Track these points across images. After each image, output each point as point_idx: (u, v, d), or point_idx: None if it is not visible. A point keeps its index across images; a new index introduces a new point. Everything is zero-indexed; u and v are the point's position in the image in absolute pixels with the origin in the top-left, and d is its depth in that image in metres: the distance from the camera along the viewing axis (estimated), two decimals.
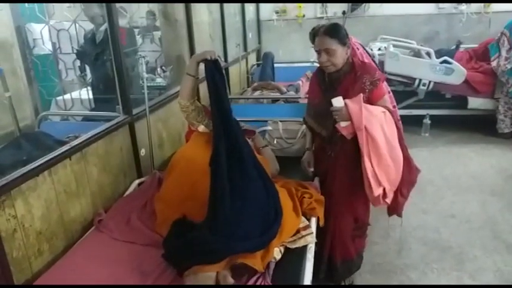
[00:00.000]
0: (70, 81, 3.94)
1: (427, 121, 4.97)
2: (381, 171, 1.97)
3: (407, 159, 2.17)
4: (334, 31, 2.00)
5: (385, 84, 2.25)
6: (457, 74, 4.66)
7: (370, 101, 2.07)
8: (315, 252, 2.42)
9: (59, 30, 3.86)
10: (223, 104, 1.94)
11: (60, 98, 3.72)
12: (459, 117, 5.04)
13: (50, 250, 1.79)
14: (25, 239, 1.65)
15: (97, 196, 2.13)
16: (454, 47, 5.51)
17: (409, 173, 2.21)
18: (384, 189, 1.99)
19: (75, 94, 3.82)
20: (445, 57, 4.70)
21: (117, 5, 3.95)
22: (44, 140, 2.32)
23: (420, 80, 4.76)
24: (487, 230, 3.02)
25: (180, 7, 3.43)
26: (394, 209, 2.34)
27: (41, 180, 1.73)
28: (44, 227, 1.76)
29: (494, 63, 4.74)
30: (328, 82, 2.16)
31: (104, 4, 2.28)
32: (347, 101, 1.98)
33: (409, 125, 5.15)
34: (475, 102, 4.83)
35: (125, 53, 3.10)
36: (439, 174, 3.94)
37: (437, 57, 4.72)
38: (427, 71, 4.72)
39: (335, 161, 2.21)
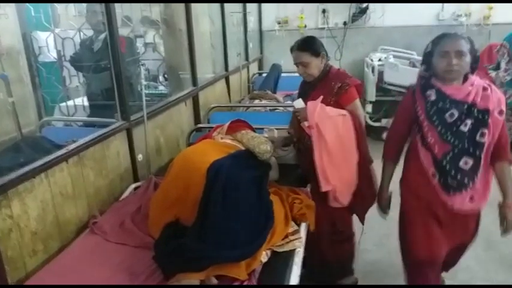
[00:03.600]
0: (75, 88, 4.01)
1: None
2: (333, 169, 2.14)
3: (366, 171, 2.30)
4: (306, 45, 2.26)
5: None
6: None
7: (339, 104, 2.23)
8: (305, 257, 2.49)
9: (64, 39, 3.95)
10: None
11: (63, 104, 3.80)
12: None
13: (45, 250, 1.84)
14: (20, 238, 1.70)
15: (93, 199, 2.18)
16: None
17: (368, 187, 2.31)
18: (335, 189, 2.15)
19: (78, 101, 3.90)
20: None
21: (123, 16, 4.09)
22: (43, 144, 2.39)
23: None
24: (480, 240, 3.02)
25: (182, 16, 3.51)
26: (357, 214, 2.45)
27: (37, 182, 1.79)
28: (39, 228, 1.81)
29: (493, 74, 4.76)
30: (304, 91, 2.40)
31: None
32: (308, 102, 2.17)
33: None
34: None
35: (125, 61, 3.19)
36: None
37: None
38: None
39: (307, 160, 2.30)
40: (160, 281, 1.64)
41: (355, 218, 2.52)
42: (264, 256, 1.75)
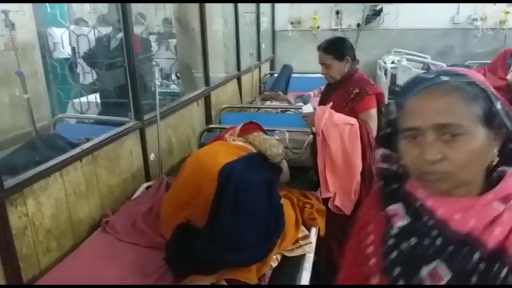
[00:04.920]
0: (91, 84, 4.04)
1: None
2: (335, 177, 2.14)
3: (371, 183, 2.23)
4: (330, 48, 2.25)
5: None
6: None
7: (354, 111, 2.21)
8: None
9: (78, 35, 3.99)
10: None
11: (76, 100, 3.84)
12: None
13: (58, 248, 1.87)
14: (35, 236, 1.73)
15: (105, 198, 2.21)
16: (468, 62, 5.49)
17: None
18: (335, 196, 2.15)
19: (91, 97, 3.94)
20: None
21: (136, 13, 4.11)
22: (58, 142, 2.43)
23: None
24: None
25: (195, 15, 3.52)
26: None
27: (52, 180, 1.81)
28: (53, 226, 1.83)
29: (509, 76, 4.70)
30: (326, 91, 2.43)
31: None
32: (318, 107, 2.19)
33: None
34: None
35: (139, 60, 3.21)
36: None
37: None
38: None
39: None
40: (171, 282, 1.65)
41: None
42: (274, 261, 1.75)
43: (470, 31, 5.62)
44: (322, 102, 2.41)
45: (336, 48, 2.27)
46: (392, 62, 5.21)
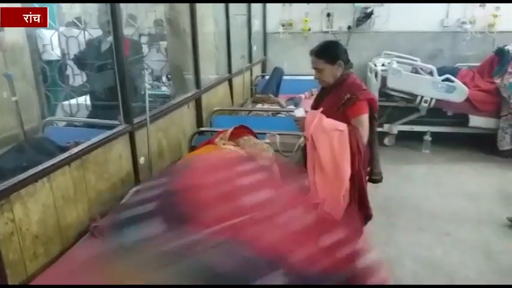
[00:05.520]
0: (81, 86, 4.01)
1: (427, 138, 4.99)
2: (325, 183, 2.12)
3: (360, 190, 2.24)
4: (322, 52, 2.26)
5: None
6: (459, 92, 4.70)
7: (346, 116, 2.20)
8: None
9: (68, 37, 3.96)
10: None
11: (66, 102, 3.81)
12: (460, 135, 5.06)
13: (46, 254, 1.84)
14: (22, 242, 1.70)
15: (94, 202, 2.18)
16: (458, 64, 5.54)
17: (359, 207, 2.25)
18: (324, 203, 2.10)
19: (80, 99, 3.91)
20: (447, 75, 4.74)
21: (127, 14, 4.09)
22: (46, 145, 2.40)
23: (422, 96, 4.80)
24: (481, 250, 3.04)
25: (186, 16, 3.51)
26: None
27: (39, 186, 1.79)
28: (41, 231, 1.81)
29: (498, 81, 4.76)
30: (320, 95, 2.43)
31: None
32: (309, 112, 2.22)
33: (409, 141, 5.22)
34: (477, 121, 4.85)
35: (130, 62, 3.19)
36: (437, 192, 3.95)
37: (440, 75, 4.76)
38: (429, 88, 4.76)
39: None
40: None
41: None
42: None
43: (460, 34, 5.67)
44: (316, 106, 2.41)
45: (328, 52, 2.28)
46: (383, 65, 5.23)
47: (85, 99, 3.83)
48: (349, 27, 5.94)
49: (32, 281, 1.70)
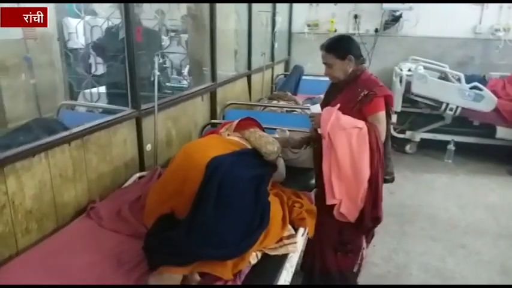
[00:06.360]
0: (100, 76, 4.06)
1: (451, 147, 4.81)
2: (341, 183, 2.01)
3: (376, 190, 2.10)
4: (332, 47, 2.16)
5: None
6: (487, 101, 4.49)
7: (362, 113, 2.08)
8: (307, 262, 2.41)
9: (92, 26, 4.02)
10: None
11: (87, 91, 3.86)
12: (486, 146, 4.84)
13: (39, 230, 1.85)
14: (13, 215, 1.71)
15: (94, 184, 2.18)
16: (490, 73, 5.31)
17: (373, 207, 2.12)
18: (341, 203, 2.01)
19: (102, 89, 3.96)
20: (476, 83, 4.55)
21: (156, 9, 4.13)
22: (54, 126, 2.41)
23: (447, 104, 4.62)
24: (497, 265, 2.88)
25: (207, 11, 3.50)
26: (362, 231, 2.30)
27: (36, 161, 1.80)
28: (35, 207, 1.82)
29: None
30: (331, 91, 2.31)
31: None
32: (325, 108, 2.07)
33: (432, 149, 5.05)
34: (504, 132, 4.62)
35: (146, 52, 3.21)
36: (455, 203, 3.79)
37: (468, 83, 4.57)
38: (455, 96, 4.57)
39: (319, 164, 2.20)
40: (145, 272, 1.61)
41: None
42: (253, 257, 1.69)
43: (492, 42, 5.44)
44: (327, 102, 2.29)
45: (338, 47, 2.17)
46: (409, 70, 5.08)
47: (105, 89, 3.89)
48: (376, 30, 5.80)
49: (22, 254, 1.70)
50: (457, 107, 4.60)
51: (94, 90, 3.89)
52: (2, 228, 1.66)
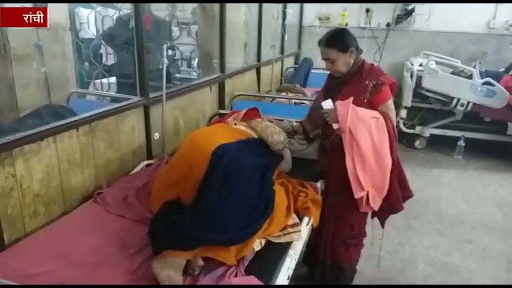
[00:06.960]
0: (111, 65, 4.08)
1: (461, 143, 4.76)
2: (366, 175, 1.99)
3: (400, 173, 2.16)
4: (332, 41, 2.12)
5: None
6: (499, 97, 4.42)
7: (372, 104, 2.08)
8: (311, 253, 2.42)
9: (104, 17, 4.04)
10: None
11: (98, 81, 3.89)
12: (496, 143, 4.78)
13: (46, 213, 1.88)
14: (21, 198, 1.74)
15: (102, 170, 2.21)
16: (502, 69, 5.23)
17: (402, 188, 2.16)
18: (368, 194, 1.98)
19: (112, 79, 3.98)
20: (488, 79, 4.48)
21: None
22: (63, 112, 2.45)
23: (459, 99, 4.56)
24: (503, 261, 2.85)
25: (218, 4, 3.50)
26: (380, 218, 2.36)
27: (44, 145, 1.82)
28: (42, 191, 1.84)
29: None
30: (333, 85, 2.26)
31: None
32: (337, 103, 2.04)
33: (442, 145, 5.00)
34: None
35: (156, 42, 3.22)
36: (463, 198, 3.75)
37: (482, 78, 4.51)
38: (467, 91, 4.51)
39: (332, 159, 2.20)
40: (149, 256, 1.62)
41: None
42: (257, 244, 1.70)
43: (507, 37, 5.36)
44: (330, 96, 2.21)
45: (338, 40, 2.13)
46: (421, 65, 5.02)
47: (115, 79, 3.91)
48: (388, 24, 5.74)
49: (29, 236, 1.73)
50: (468, 102, 4.53)
51: (104, 80, 3.92)
52: (10, 210, 1.69)
